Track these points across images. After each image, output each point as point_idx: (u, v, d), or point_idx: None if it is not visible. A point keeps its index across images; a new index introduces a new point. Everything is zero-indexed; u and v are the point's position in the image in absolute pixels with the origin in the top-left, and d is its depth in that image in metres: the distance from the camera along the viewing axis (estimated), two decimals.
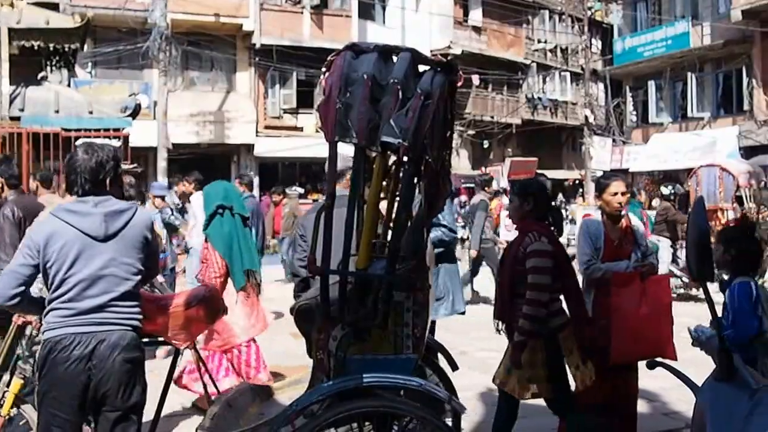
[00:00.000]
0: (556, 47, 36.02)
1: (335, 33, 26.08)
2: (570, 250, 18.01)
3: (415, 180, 3.77)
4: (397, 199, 3.75)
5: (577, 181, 34.01)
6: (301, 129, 26.88)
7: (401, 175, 3.85)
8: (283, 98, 26.95)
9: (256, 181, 25.42)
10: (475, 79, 30.08)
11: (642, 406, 5.73)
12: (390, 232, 3.82)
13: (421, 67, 3.70)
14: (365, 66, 3.56)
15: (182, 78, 25.32)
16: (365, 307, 3.62)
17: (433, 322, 5.10)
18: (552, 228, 4.67)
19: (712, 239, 4.10)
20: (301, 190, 20.82)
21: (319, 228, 3.63)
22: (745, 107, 25.58)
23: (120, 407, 3.53)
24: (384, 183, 3.87)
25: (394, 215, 3.70)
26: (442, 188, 3.88)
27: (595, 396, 4.77)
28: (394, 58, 3.64)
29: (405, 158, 3.60)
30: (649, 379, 4.98)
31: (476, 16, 33.01)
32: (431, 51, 27.00)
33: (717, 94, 27.48)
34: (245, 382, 4.27)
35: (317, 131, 27.32)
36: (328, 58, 3.64)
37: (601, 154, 30.02)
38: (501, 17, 33.20)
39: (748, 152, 23.74)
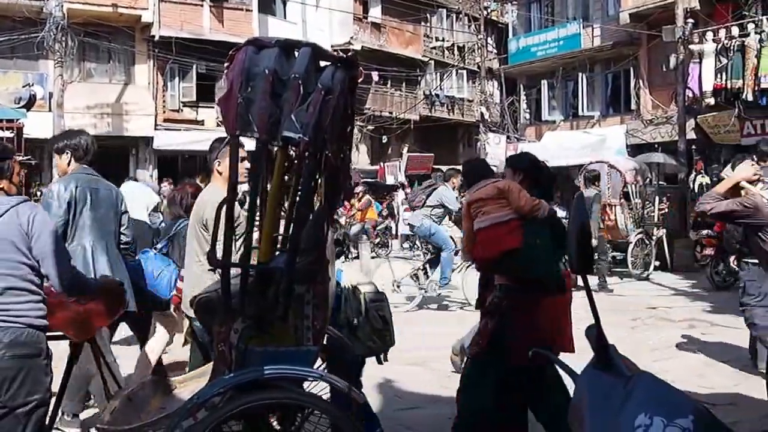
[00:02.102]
0: (453, 45, 36.67)
1: (236, 27, 25.81)
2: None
3: (316, 174, 3.83)
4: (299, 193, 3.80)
5: None
6: (201, 122, 26.50)
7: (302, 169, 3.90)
8: (182, 91, 26.51)
9: (155, 174, 24.99)
10: (375, 75, 30.30)
11: None
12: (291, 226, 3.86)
13: (322, 63, 3.77)
14: (267, 61, 3.59)
15: (79, 69, 24.62)
16: (266, 300, 3.66)
17: None
18: None
19: None
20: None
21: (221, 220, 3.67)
22: (632, 107, 26.63)
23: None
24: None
25: (294, 209, 3.75)
26: (341, 183, 3.96)
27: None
28: (296, 53, 3.70)
29: (306, 153, 3.64)
30: None
31: (376, 13, 33.27)
32: (332, 46, 27.01)
33: (606, 93, 28.49)
34: (147, 376, 4.22)
35: (218, 125, 27.09)
36: (230, 52, 3.66)
37: (495, 150, 30.64)
38: (400, 15, 33.54)
39: (634, 150, 24.70)
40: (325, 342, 4.08)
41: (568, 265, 3.64)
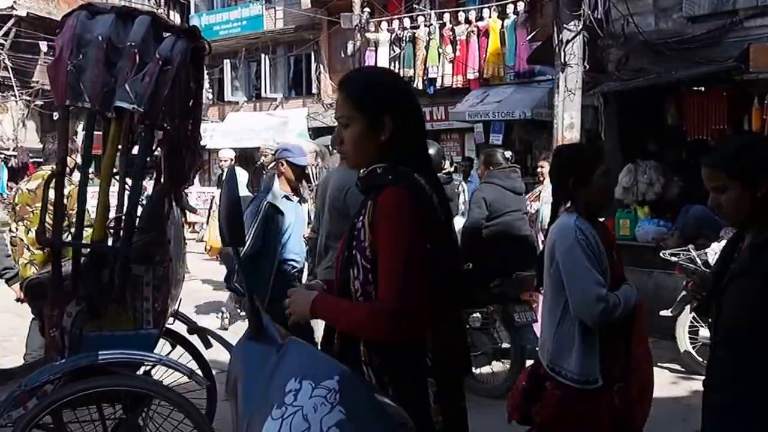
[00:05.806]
0: None
1: None
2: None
3: (152, 149, 3.68)
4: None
5: None
6: None
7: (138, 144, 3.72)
8: None
9: None
10: (44, 46, 28.02)
11: None
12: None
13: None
14: (101, 27, 3.40)
15: None
16: (101, 282, 3.47)
17: None
18: None
19: None
20: None
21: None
22: (314, 90, 27.53)
23: None
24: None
25: (130, 186, 3.57)
26: (188, 159, 3.81)
27: None
28: (134, 22, 3.51)
29: (140, 125, 3.49)
30: None
31: None
32: None
33: (289, 76, 29.08)
34: None
35: None
36: (62, 17, 3.39)
37: None
38: None
39: (315, 132, 25.59)
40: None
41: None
